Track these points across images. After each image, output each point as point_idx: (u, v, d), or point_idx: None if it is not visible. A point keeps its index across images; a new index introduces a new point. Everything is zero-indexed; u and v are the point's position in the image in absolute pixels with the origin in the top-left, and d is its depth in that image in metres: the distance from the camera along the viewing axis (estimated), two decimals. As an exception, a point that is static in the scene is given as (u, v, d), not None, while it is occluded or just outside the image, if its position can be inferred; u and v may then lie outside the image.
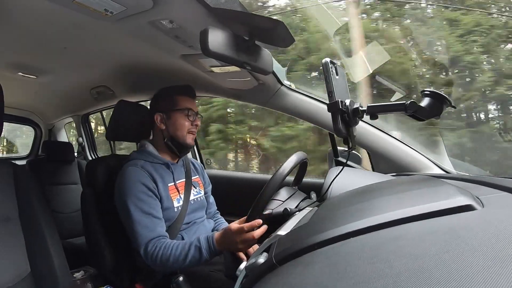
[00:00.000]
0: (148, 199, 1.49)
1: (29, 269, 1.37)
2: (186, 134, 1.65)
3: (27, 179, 1.49)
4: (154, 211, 1.48)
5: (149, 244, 1.42)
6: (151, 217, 1.46)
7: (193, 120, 1.66)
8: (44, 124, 3.68)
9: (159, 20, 1.24)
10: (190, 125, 1.65)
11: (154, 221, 1.46)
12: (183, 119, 1.64)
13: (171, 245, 1.40)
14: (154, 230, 1.44)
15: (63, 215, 3.05)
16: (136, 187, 1.49)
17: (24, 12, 1.29)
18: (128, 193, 1.48)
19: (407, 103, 0.86)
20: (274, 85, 1.78)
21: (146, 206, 1.47)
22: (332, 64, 0.89)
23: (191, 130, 1.65)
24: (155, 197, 1.52)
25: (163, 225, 1.50)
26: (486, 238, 0.43)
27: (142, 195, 1.48)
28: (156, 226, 1.45)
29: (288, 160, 1.24)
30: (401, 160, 1.65)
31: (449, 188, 0.66)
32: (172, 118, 1.64)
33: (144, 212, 1.46)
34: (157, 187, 1.54)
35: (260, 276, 0.63)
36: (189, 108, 1.64)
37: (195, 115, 1.67)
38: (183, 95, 1.66)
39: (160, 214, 1.51)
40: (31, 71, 2.12)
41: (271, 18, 1.04)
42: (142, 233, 1.44)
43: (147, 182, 1.51)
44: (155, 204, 1.51)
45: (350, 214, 0.69)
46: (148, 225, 1.44)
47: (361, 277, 0.43)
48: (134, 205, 1.46)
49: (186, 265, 1.38)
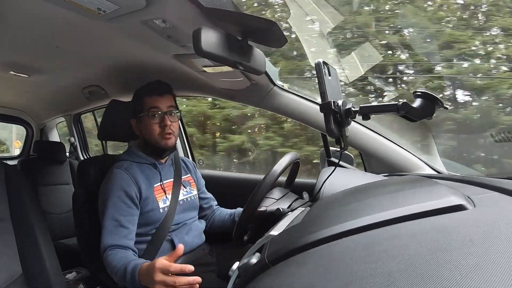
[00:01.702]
0: (122, 207, 1.47)
1: (21, 271, 1.36)
2: (158, 138, 1.57)
3: (18, 179, 1.48)
4: (124, 220, 1.45)
5: (107, 251, 1.41)
6: (119, 226, 1.44)
7: (160, 121, 1.56)
8: (36, 123, 3.64)
9: (152, 20, 1.24)
10: (159, 127, 1.56)
11: (121, 230, 1.44)
12: (149, 123, 1.57)
13: (117, 259, 1.37)
14: (117, 239, 1.42)
15: (55, 216, 3.03)
16: (115, 192, 1.48)
17: (17, 10, 1.28)
18: (107, 197, 1.48)
19: (399, 104, 0.86)
20: (267, 85, 1.77)
21: (118, 213, 1.45)
22: (325, 65, 0.90)
23: (161, 133, 1.57)
24: (133, 205, 1.50)
25: (129, 236, 1.46)
26: (477, 237, 0.43)
27: (119, 202, 1.47)
28: (120, 236, 1.43)
29: (281, 159, 1.24)
30: (393, 161, 1.66)
31: (441, 188, 0.67)
32: (142, 122, 1.59)
33: (115, 219, 1.44)
34: (140, 190, 1.52)
35: (253, 276, 0.63)
36: (153, 108, 1.56)
37: (162, 115, 1.57)
38: (148, 95, 1.58)
39: (132, 224, 1.48)
40: (23, 70, 2.10)
41: (264, 18, 1.04)
42: (105, 237, 1.43)
43: (128, 188, 1.49)
44: (129, 213, 1.48)
45: (343, 214, 0.69)
46: (113, 232, 1.43)
47: (353, 277, 0.43)
48: (108, 210, 1.46)
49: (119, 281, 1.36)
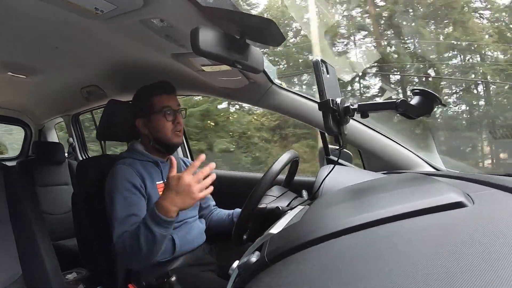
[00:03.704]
0: (132, 197, 1.47)
1: (21, 272, 1.36)
2: (170, 135, 1.60)
3: (17, 180, 1.48)
4: (134, 209, 1.45)
5: (118, 239, 1.39)
6: (129, 215, 1.43)
7: (173, 119, 1.61)
8: (34, 124, 3.63)
9: (149, 19, 1.24)
10: (172, 124, 1.60)
11: (131, 218, 1.43)
12: (163, 121, 1.59)
13: (129, 234, 1.36)
14: (128, 227, 1.41)
15: (54, 217, 3.02)
16: (122, 184, 1.48)
17: (14, 11, 1.28)
18: (114, 190, 1.47)
19: (397, 102, 0.86)
20: (265, 83, 1.77)
21: (127, 204, 1.45)
22: (323, 63, 0.90)
23: (174, 130, 1.61)
24: (140, 195, 1.50)
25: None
26: (476, 234, 0.43)
27: (127, 193, 1.47)
28: (130, 223, 1.42)
29: (280, 157, 1.24)
30: (392, 158, 1.66)
31: (440, 186, 0.67)
32: (152, 121, 1.60)
33: (124, 209, 1.44)
34: (145, 185, 1.53)
35: (253, 275, 0.63)
36: (166, 107, 1.60)
37: (174, 113, 1.62)
38: (159, 94, 1.61)
39: (141, 211, 1.47)
40: (21, 71, 2.09)
41: (262, 17, 1.05)
42: (116, 228, 1.42)
43: (133, 180, 1.50)
44: (138, 203, 1.48)
45: (342, 212, 0.70)
46: (124, 221, 1.42)
47: (353, 275, 0.43)
48: (116, 202, 1.45)
49: (148, 251, 1.32)
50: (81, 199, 1.68)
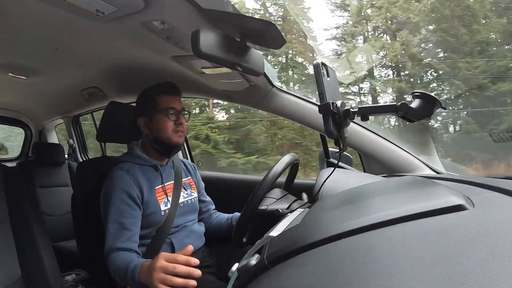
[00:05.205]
0: (125, 209, 1.47)
1: (20, 273, 1.36)
2: (171, 134, 1.60)
3: (17, 181, 1.48)
4: (128, 222, 1.45)
5: (111, 254, 1.40)
6: (123, 229, 1.44)
7: (176, 119, 1.61)
8: (34, 125, 3.63)
9: (150, 21, 1.24)
10: (174, 124, 1.60)
11: (124, 232, 1.43)
12: (165, 120, 1.59)
13: (119, 260, 1.37)
14: (121, 242, 1.42)
15: (53, 218, 3.02)
16: (117, 194, 1.48)
17: (15, 12, 1.28)
18: (109, 199, 1.48)
19: (398, 105, 0.86)
20: (266, 86, 1.77)
21: (121, 216, 1.45)
22: (323, 66, 0.90)
23: (175, 129, 1.60)
24: (136, 206, 1.50)
25: (133, 239, 1.46)
26: (477, 237, 0.43)
27: (121, 204, 1.47)
28: (123, 239, 1.43)
29: (280, 160, 1.24)
30: (392, 161, 1.66)
31: (441, 189, 0.67)
32: (154, 120, 1.60)
33: (118, 222, 1.44)
34: (142, 192, 1.53)
35: (252, 278, 0.63)
36: (170, 107, 1.60)
37: (178, 114, 1.62)
38: (163, 95, 1.61)
39: (135, 226, 1.48)
40: (21, 72, 2.10)
41: (263, 19, 1.05)
42: (109, 240, 1.43)
43: (130, 190, 1.50)
44: (132, 215, 1.48)
45: (342, 215, 0.69)
46: (117, 235, 1.42)
47: (353, 278, 0.43)
48: (111, 212, 1.45)
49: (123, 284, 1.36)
50: (81, 200, 1.68)
